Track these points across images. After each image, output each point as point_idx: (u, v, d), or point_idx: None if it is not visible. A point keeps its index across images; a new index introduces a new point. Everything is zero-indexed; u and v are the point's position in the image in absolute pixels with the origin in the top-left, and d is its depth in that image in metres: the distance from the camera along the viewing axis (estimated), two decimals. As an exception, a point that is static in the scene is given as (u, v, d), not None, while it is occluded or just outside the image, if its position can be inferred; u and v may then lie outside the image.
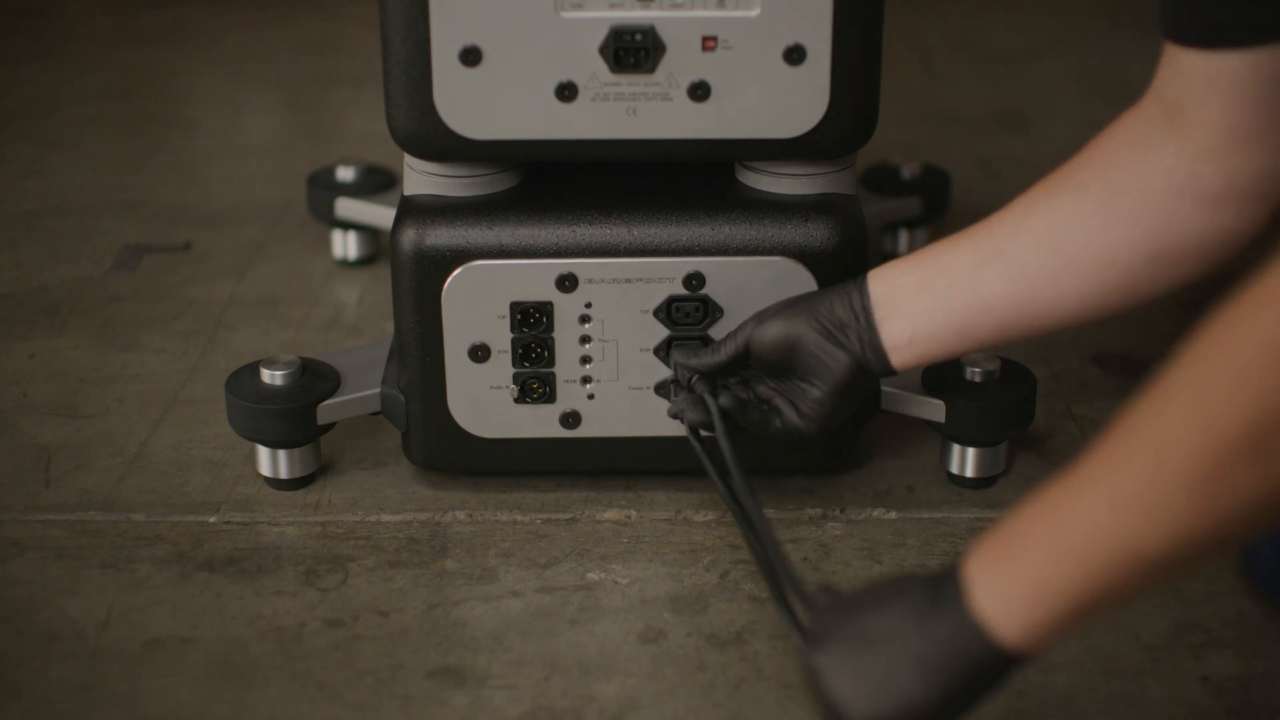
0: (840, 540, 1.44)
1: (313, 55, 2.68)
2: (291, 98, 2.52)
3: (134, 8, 2.91)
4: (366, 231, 1.92)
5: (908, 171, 1.90)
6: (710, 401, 1.33)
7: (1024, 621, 0.97)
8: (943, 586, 1.02)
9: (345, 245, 1.93)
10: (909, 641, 1.01)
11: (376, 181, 1.90)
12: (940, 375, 1.49)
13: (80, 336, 1.78)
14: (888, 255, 1.90)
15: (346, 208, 1.88)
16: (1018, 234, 1.22)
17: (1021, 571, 0.97)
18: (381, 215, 1.84)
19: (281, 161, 2.23)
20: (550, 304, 1.40)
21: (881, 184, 1.89)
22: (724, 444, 1.29)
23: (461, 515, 1.47)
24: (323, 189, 1.90)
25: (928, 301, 1.25)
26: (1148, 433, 0.91)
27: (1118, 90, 2.46)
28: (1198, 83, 1.09)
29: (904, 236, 1.91)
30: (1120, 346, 1.73)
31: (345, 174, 1.90)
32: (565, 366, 1.42)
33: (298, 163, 2.19)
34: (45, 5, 2.95)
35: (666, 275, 1.39)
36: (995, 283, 1.22)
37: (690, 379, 1.37)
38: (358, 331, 1.79)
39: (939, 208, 1.90)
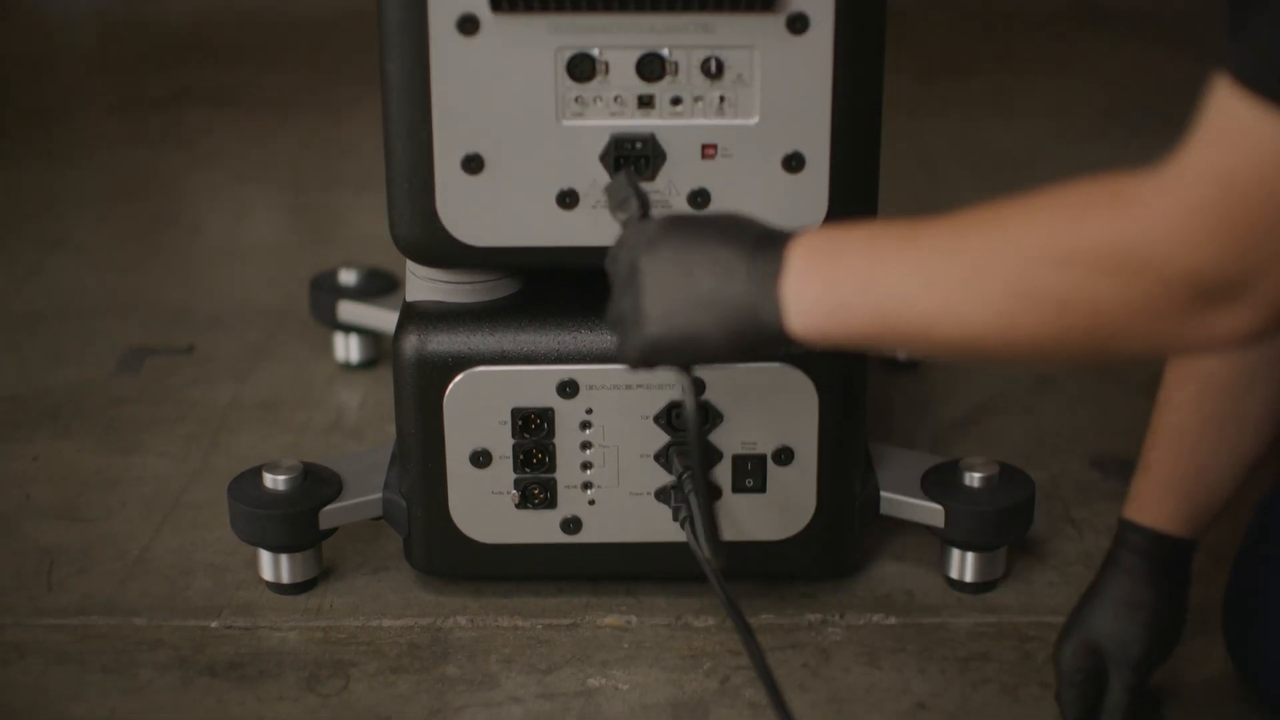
0: (840, 646, 1.44)
1: (315, 157, 2.70)
2: (294, 199, 2.53)
3: (139, 109, 2.93)
4: (368, 335, 1.93)
5: (907, 275, 1.90)
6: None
7: (814, 326, 1.07)
8: (768, 255, 1.09)
9: (347, 348, 1.94)
10: (723, 287, 1.10)
11: (378, 285, 1.91)
12: (939, 480, 1.49)
13: (83, 439, 1.79)
14: (889, 360, 1.91)
15: (349, 311, 1.89)
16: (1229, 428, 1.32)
17: (832, 284, 1.06)
18: (383, 319, 1.85)
19: (284, 263, 2.25)
20: (551, 410, 1.41)
21: (880, 287, 1.90)
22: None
23: (463, 620, 1.47)
24: (325, 292, 1.91)
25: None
26: (985, 237, 1.00)
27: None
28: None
29: (903, 340, 1.91)
30: (1118, 449, 1.74)
31: (347, 277, 1.91)
32: (566, 472, 1.43)
33: (300, 265, 2.20)
34: (51, 106, 2.98)
35: (667, 381, 1.40)
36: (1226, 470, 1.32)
37: None
38: (359, 435, 1.79)
39: (938, 311, 1.90)
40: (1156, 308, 0.93)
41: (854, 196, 1.37)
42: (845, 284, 1.05)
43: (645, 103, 1.33)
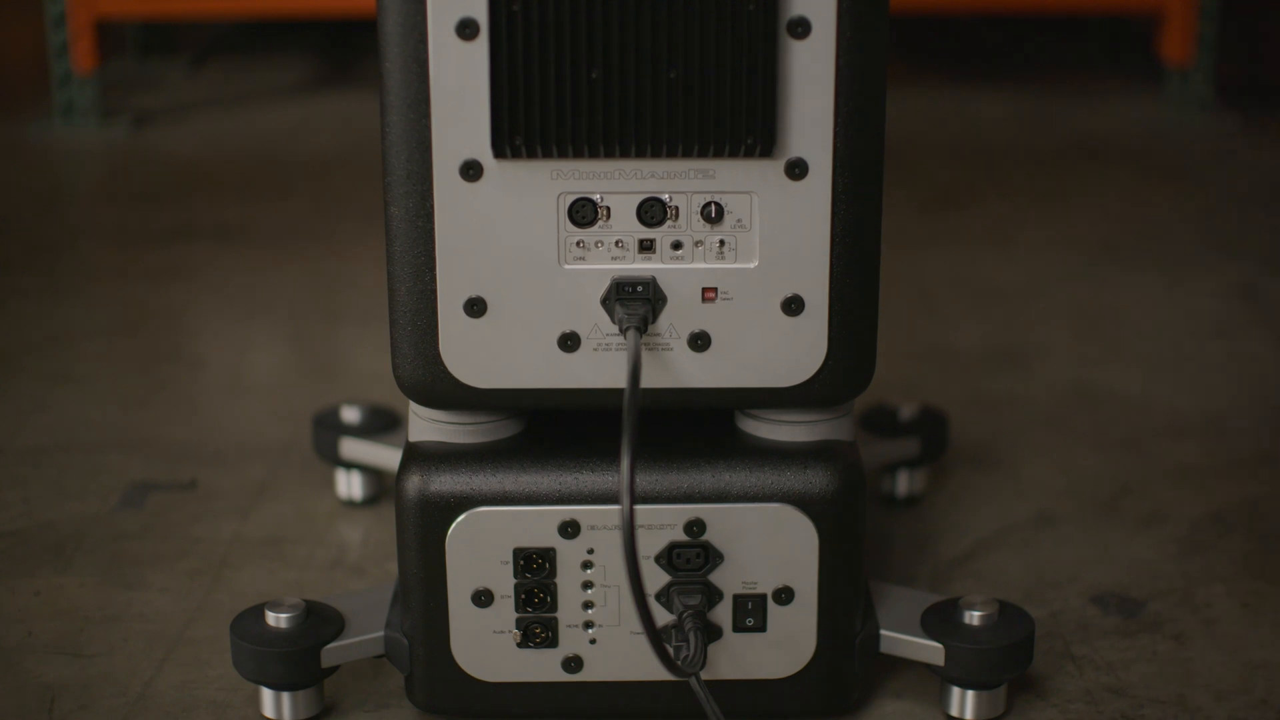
0: (841, 785, 1.44)
1: (319, 292, 2.71)
2: (296, 334, 2.55)
3: (144, 244, 2.95)
4: (371, 472, 1.94)
5: (906, 413, 1.92)
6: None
7: None
8: None
9: (350, 485, 1.95)
10: None
11: (381, 422, 1.92)
12: (939, 618, 1.50)
13: (86, 574, 1.79)
14: (887, 497, 1.92)
15: (351, 448, 1.90)
16: None
17: None
18: (386, 456, 1.86)
19: (286, 399, 2.26)
20: (553, 550, 1.42)
21: (880, 425, 1.92)
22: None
23: (463, 759, 1.48)
24: (328, 429, 1.92)
25: None
26: None
27: (1113, 327, 2.49)
28: None
29: (903, 478, 1.92)
30: (1118, 586, 1.74)
31: (350, 415, 1.92)
32: (568, 611, 1.44)
33: (303, 400, 2.21)
34: (56, 241, 3.00)
35: (667, 522, 1.41)
36: None
37: None
38: (361, 572, 1.80)
39: (937, 449, 1.92)
40: None
41: (853, 337, 1.39)
42: None
43: (646, 247, 1.35)
